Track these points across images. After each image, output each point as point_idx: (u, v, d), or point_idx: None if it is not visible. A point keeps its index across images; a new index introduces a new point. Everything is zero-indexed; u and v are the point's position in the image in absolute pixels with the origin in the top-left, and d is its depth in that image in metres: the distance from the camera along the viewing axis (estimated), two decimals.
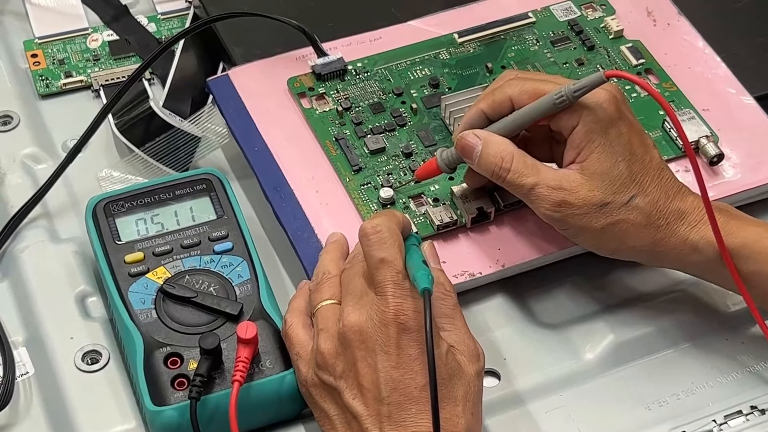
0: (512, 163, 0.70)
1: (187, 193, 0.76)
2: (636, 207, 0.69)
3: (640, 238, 0.70)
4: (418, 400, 0.63)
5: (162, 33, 0.92)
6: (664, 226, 0.70)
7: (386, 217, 0.67)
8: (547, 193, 0.70)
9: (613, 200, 0.69)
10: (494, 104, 0.72)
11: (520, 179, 0.70)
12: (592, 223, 0.70)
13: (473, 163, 0.72)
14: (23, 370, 0.72)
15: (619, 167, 0.69)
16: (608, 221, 0.69)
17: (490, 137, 0.71)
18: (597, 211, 0.69)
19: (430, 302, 0.61)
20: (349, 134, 0.80)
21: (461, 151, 0.72)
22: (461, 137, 0.72)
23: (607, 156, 0.69)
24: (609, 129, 0.69)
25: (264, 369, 0.68)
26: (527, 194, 0.70)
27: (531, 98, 0.71)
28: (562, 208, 0.70)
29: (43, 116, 0.87)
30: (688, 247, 0.70)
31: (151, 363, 0.68)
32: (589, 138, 0.69)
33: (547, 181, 0.70)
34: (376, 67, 0.84)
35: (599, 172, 0.69)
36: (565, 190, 0.69)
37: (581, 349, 0.74)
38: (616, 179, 0.69)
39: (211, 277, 0.72)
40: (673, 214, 0.70)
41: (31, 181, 0.83)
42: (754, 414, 0.70)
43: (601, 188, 0.69)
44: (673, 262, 0.71)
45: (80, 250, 0.78)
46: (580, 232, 0.71)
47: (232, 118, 0.81)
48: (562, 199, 0.69)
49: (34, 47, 0.91)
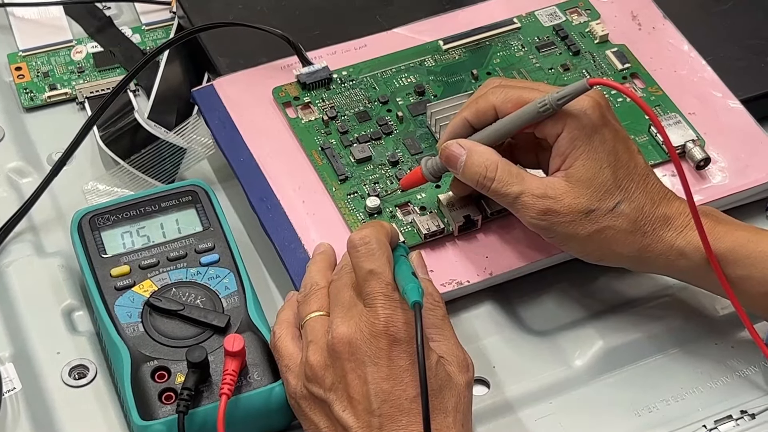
0: (496, 172, 0.70)
1: (173, 205, 0.76)
2: (621, 213, 0.69)
3: (626, 245, 0.70)
4: (409, 411, 0.62)
5: (146, 44, 0.92)
6: (651, 232, 0.69)
7: (374, 228, 0.67)
8: (532, 202, 0.69)
9: (598, 207, 0.69)
10: (478, 113, 0.72)
11: (505, 188, 0.70)
12: (578, 230, 0.69)
13: (458, 172, 0.72)
14: (10, 385, 0.72)
15: (604, 174, 0.69)
16: (594, 228, 0.69)
17: (474, 147, 0.71)
18: (583, 219, 0.69)
19: (420, 315, 0.61)
20: (335, 143, 0.80)
21: (445, 161, 0.72)
22: (445, 147, 0.72)
23: (591, 163, 0.69)
24: (593, 136, 0.69)
25: (252, 381, 0.68)
26: (512, 203, 0.70)
27: (515, 106, 0.70)
28: (547, 216, 0.69)
29: (28, 129, 0.87)
30: (675, 253, 0.70)
31: (138, 377, 0.68)
32: (574, 145, 0.69)
33: (532, 190, 0.70)
34: (361, 76, 0.84)
35: (584, 179, 0.69)
36: (550, 198, 0.69)
37: (570, 356, 0.73)
38: (601, 186, 0.69)
39: (197, 289, 0.72)
40: (659, 219, 0.70)
41: (17, 195, 0.82)
42: (744, 419, 0.70)
43: (586, 195, 0.69)
44: (661, 267, 0.71)
45: (66, 264, 0.77)
46: (567, 239, 0.70)
47: (218, 128, 0.81)
48: (547, 207, 0.69)
49: (18, 60, 0.90)
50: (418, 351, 0.60)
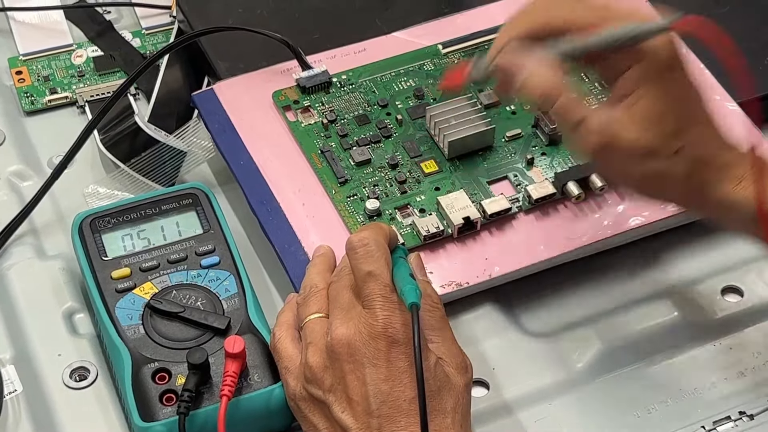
0: (558, 97, 0.66)
1: (173, 208, 0.76)
2: (681, 158, 0.66)
3: (681, 189, 0.67)
4: (408, 412, 0.63)
5: (146, 48, 0.93)
6: (708, 181, 0.67)
7: (373, 230, 0.67)
8: (590, 134, 0.66)
9: (658, 149, 0.66)
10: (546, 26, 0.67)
11: (566, 115, 0.66)
12: (634, 168, 0.67)
13: (514, 90, 0.67)
14: (11, 388, 0.72)
15: (668, 117, 0.66)
16: (651, 169, 0.67)
17: (536, 68, 0.66)
18: (640, 158, 0.66)
19: (418, 317, 0.61)
20: (334, 146, 0.80)
21: (502, 75, 0.67)
22: (504, 62, 0.67)
23: (657, 103, 0.66)
24: (663, 76, 0.66)
25: (252, 383, 0.68)
26: (570, 132, 0.67)
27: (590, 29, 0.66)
28: (605, 151, 0.67)
29: (29, 133, 0.87)
30: (729, 203, 0.67)
31: (139, 379, 0.68)
32: (641, 82, 0.66)
33: (593, 122, 0.66)
34: (360, 79, 0.84)
35: (647, 118, 0.66)
36: (610, 132, 0.66)
37: (569, 358, 0.74)
38: (664, 128, 0.66)
39: (198, 291, 0.72)
40: (719, 168, 0.67)
41: (17, 198, 0.83)
42: (742, 419, 0.70)
43: (648, 135, 0.66)
44: (713, 213, 0.69)
45: (67, 266, 0.78)
46: (621, 175, 0.69)
47: (218, 132, 0.81)
48: (606, 141, 0.66)
49: (19, 64, 0.91)
50: (416, 352, 0.60)
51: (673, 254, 0.79)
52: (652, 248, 0.79)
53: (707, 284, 0.77)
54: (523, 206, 0.77)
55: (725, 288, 0.77)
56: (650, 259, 0.78)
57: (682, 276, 0.78)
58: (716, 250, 0.79)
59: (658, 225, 0.78)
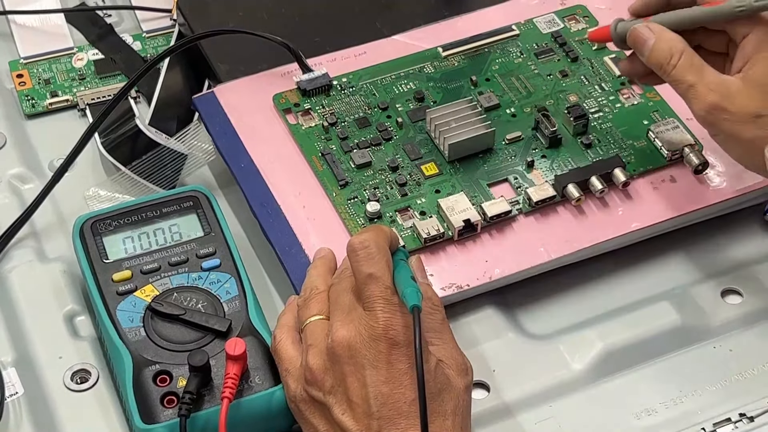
0: (680, 59, 0.71)
1: (174, 211, 0.76)
2: None
3: None
4: (408, 414, 0.63)
5: (147, 51, 0.93)
6: None
7: (374, 232, 0.67)
8: (704, 93, 0.70)
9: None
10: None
11: (683, 75, 0.71)
12: (743, 133, 0.69)
13: (643, 56, 0.73)
14: (12, 390, 0.72)
15: None
16: (759, 134, 0.69)
17: (662, 33, 0.72)
18: (750, 122, 0.69)
19: (419, 319, 0.62)
20: (335, 149, 0.80)
21: (633, 42, 0.73)
22: (634, 29, 0.73)
23: None
24: None
25: (253, 385, 0.68)
26: (686, 91, 0.71)
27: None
28: (716, 112, 0.70)
29: (30, 136, 0.87)
30: None
31: (140, 381, 0.68)
32: (759, 48, 0.70)
33: (708, 82, 0.70)
34: (361, 82, 0.84)
35: (762, 82, 0.69)
36: (723, 94, 0.70)
37: (570, 360, 0.74)
38: None
39: (199, 294, 0.72)
40: None
41: (18, 201, 0.83)
42: (742, 421, 0.70)
43: (760, 99, 0.69)
44: None
45: (68, 269, 0.78)
46: (729, 140, 0.71)
47: (218, 135, 0.82)
48: (717, 102, 0.69)
49: (20, 67, 0.91)
50: (417, 355, 0.61)
51: (674, 256, 0.79)
52: (652, 250, 0.79)
53: (707, 286, 0.77)
54: (524, 209, 0.77)
55: (725, 290, 0.77)
56: (650, 261, 0.79)
57: (682, 278, 0.78)
58: (716, 252, 0.79)
59: (658, 227, 0.78)
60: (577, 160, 0.79)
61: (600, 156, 0.79)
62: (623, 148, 0.80)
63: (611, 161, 0.78)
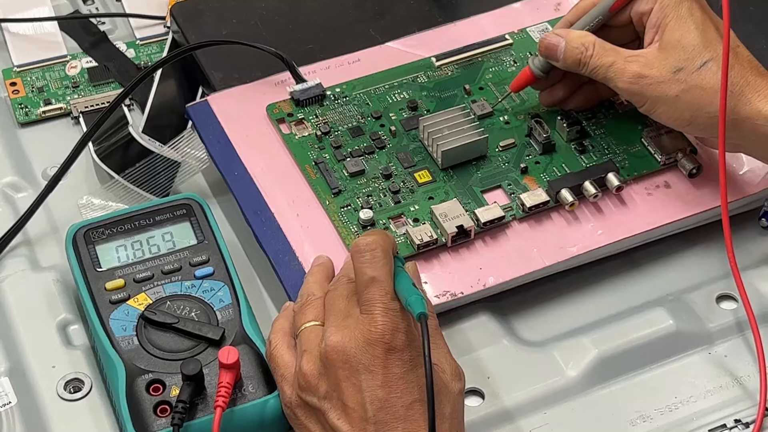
0: (594, 48, 0.75)
1: (167, 219, 0.76)
2: (709, 71, 0.72)
3: (714, 105, 0.72)
4: (405, 418, 0.63)
5: (141, 59, 0.93)
6: (738, 94, 0.72)
7: (381, 237, 0.67)
8: (623, 67, 0.74)
9: (685, 66, 0.73)
10: (578, 11, 0.78)
11: (601, 60, 0.75)
12: (667, 91, 0.73)
13: (558, 59, 0.77)
14: (5, 400, 0.72)
15: (692, 34, 0.73)
16: (682, 87, 0.73)
17: (570, 33, 0.77)
18: (671, 79, 0.73)
19: (427, 327, 0.62)
20: (328, 158, 0.80)
21: (545, 51, 0.77)
22: (543, 39, 0.78)
23: (679, 25, 0.73)
24: (681, 4, 0.74)
25: (247, 394, 0.68)
26: (606, 71, 0.75)
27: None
28: (638, 80, 0.74)
29: (23, 144, 0.87)
30: (762, 118, 0.72)
31: (133, 390, 0.68)
32: (664, 14, 0.74)
33: (625, 56, 0.74)
34: (354, 92, 0.84)
35: (673, 40, 0.73)
36: (642, 63, 0.74)
37: (564, 366, 0.73)
38: (689, 45, 0.73)
39: (192, 302, 0.72)
40: (748, 84, 0.72)
41: (12, 209, 0.83)
42: (737, 428, 0.70)
43: (675, 55, 0.73)
44: (748, 133, 0.73)
45: (61, 278, 0.78)
46: (657, 102, 0.74)
47: (212, 143, 0.82)
48: (638, 71, 0.74)
49: (13, 75, 0.91)
50: (426, 363, 0.61)
51: (669, 262, 0.79)
52: (646, 256, 0.79)
53: (702, 292, 0.77)
54: (517, 214, 0.77)
55: (720, 296, 0.77)
56: (645, 267, 0.79)
57: (677, 284, 0.78)
58: (711, 258, 0.79)
59: (653, 233, 0.78)
60: (570, 166, 0.79)
61: (594, 161, 0.79)
62: (617, 153, 0.80)
63: (605, 166, 0.78)
